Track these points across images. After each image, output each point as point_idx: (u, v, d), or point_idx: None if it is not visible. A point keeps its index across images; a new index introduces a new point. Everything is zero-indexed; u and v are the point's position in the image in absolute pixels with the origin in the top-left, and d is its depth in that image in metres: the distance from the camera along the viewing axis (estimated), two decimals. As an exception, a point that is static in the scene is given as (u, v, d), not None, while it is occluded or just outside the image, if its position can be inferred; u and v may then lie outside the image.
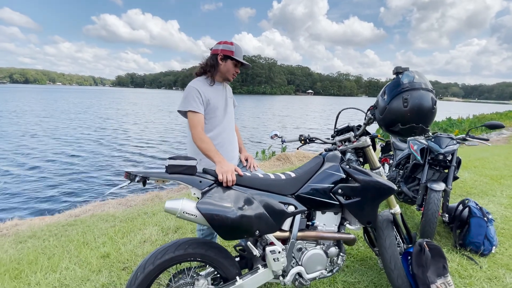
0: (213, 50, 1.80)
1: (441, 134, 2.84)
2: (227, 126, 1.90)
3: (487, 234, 2.38)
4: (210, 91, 1.79)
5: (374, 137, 1.75)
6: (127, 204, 3.97)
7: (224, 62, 1.78)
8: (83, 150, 9.39)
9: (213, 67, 1.79)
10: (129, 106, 31.02)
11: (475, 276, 2.13)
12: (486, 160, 6.16)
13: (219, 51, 1.76)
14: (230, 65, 1.79)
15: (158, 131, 14.11)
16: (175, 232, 2.82)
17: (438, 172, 2.80)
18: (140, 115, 22.06)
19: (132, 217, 3.23)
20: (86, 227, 2.98)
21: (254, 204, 1.41)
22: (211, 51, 1.81)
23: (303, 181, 1.58)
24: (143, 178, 1.30)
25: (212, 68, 1.79)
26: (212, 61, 1.79)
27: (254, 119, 22.31)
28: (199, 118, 1.70)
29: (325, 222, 1.64)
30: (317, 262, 1.59)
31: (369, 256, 2.33)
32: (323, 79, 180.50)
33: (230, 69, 1.80)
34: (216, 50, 1.77)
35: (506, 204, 3.59)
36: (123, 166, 7.89)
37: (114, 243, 2.57)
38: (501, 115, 19.15)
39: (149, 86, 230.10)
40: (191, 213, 1.29)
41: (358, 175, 1.57)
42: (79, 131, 12.98)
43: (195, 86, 1.74)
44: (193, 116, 1.69)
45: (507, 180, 4.66)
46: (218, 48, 1.77)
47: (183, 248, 1.36)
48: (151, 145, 10.61)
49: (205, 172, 1.44)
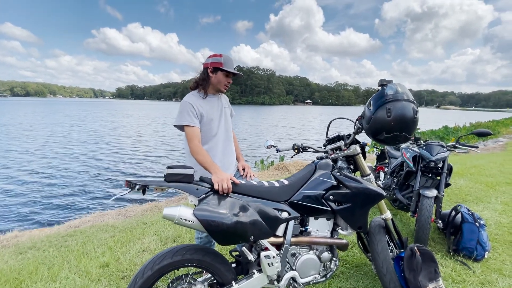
0: (204, 64, 1.88)
1: (432, 142, 2.93)
2: (223, 137, 1.96)
3: (480, 239, 2.43)
4: (204, 103, 1.85)
5: (363, 146, 1.83)
6: (126, 214, 4.01)
7: (215, 74, 1.85)
8: (82, 162, 9.46)
9: (204, 80, 1.87)
10: (127, 118, 31.10)
11: (468, 281, 2.16)
12: (482, 167, 6.24)
13: (208, 64, 1.84)
14: (220, 76, 1.85)
15: (154, 143, 14.17)
16: (173, 241, 2.86)
17: (430, 179, 2.88)
18: (138, 126, 22.14)
19: (131, 227, 3.27)
20: (85, 237, 3.02)
21: (249, 211, 1.48)
22: (203, 65, 1.89)
23: (296, 188, 1.65)
24: (143, 186, 1.37)
25: (204, 82, 1.87)
26: (203, 75, 1.87)
27: (253, 128, 22.47)
28: (194, 131, 1.77)
29: (318, 228, 1.70)
30: (311, 267, 1.64)
31: (364, 262, 2.37)
32: (321, 89, 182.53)
33: (221, 80, 1.86)
34: (206, 64, 1.85)
35: (500, 210, 3.64)
36: (121, 177, 7.94)
37: (114, 253, 2.60)
38: (498, 123, 19.37)
39: (149, 98, 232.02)
40: (188, 219, 1.35)
41: (349, 182, 1.65)
42: (75, 144, 13.07)
43: (188, 100, 1.81)
44: (189, 130, 1.76)
45: (502, 187, 4.72)
46: (208, 62, 1.85)
47: (180, 254, 1.42)
48: (148, 157, 10.64)
49: (201, 180, 1.52)
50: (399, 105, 1.47)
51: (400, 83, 1.57)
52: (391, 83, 1.58)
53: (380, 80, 1.62)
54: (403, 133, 1.50)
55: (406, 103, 1.48)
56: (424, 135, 12.07)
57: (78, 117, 29.75)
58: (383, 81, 1.61)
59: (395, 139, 1.54)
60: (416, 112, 1.49)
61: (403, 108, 1.47)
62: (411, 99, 1.51)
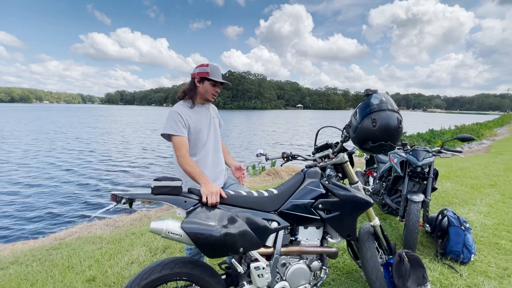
0: (191, 74, 1.89)
1: (418, 148, 3.00)
2: (212, 147, 1.96)
3: (465, 242, 2.49)
4: (192, 113, 1.85)
5: (351, 153, 1.86)
6: (114, 225, 3.91)
7: (202, 84, 1.85)
8: (67, 171, 9.19)
9: (191, 90, 1.87)
10: (114, 124, 30.39)
11: (455, 284, 2.20)
12: (467, 169, 6.42)
13: (195, 75, 1.84)
14: (207, 86, 1.85)
15: (141, 151, 13.84)
16: (163, 252, 2.80)
17: (417, 184, 2.94)
18: (125, 133, 21.61)
19: (119, 238, 3.19)
20: (71, 250, 2.92)
21: (238, 222, 1.47)
22: (191, 75, 1.90)
23: (285, 198, 1.66)
24: (129, 199, 1.35)
25: (191, 92, 1.87)
26: (191, 85, 1.88)
27: (245, 133, 22.45)
28: (182, 141, 1.75)
29: (308, 237, 1.70)
30: (301, 277, 1.64)
31: (354, 269, 2.39)
32: (312, 93, 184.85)
33: (209, 89, 1.87)
34: (193, 74, 1.86)
35: (485, 212, 3.74)
36: (109, 185, 7.76)
37: (101, 266, 2.53)
38: (481, 125, 20.04)
39: (139, 103, 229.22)
40: (176, 233, 1.33)
41: (337, 190, 1.66)
42: (59, 151, 12.70)
43: (176, 110, 1.80)
44: (176, 140, 1.75)
45: (486, 189, 4.87)
46: (195, 72, 1.85)
47: (169, 268, 1.39)
48: (134, 166, 10.34)
49: (190, 192, 1.50)
50: (384, 115, 1.51)
51: (384, 93, 1.61)
52: (376, 93, 1.62)
53: (365, 90, 1.66)
54: (389, 142, 1.54)
55: (391, 113, 1.51)
56: (412, 139, 12.35)
57: (63, 124, 28.91)
58: (369, 91, 1.64)
59: (380, 148, 1.57)
60: (400, 121, 1.52)
61: (388, 118, 1.50)
62: (396, 109, 1.55)
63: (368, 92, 1.64)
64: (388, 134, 1.51)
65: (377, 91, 1.64)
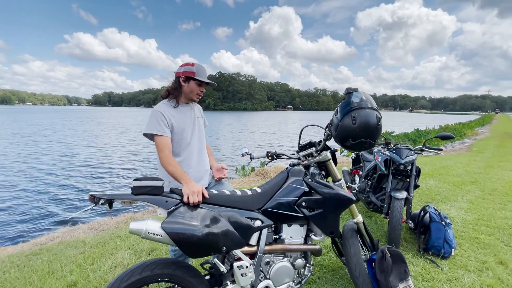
0: (176, 73, 1.85)
1: (401, 146, 3.07)
2: (196, 146, 1.94)
3: (446, 237, 2.56)
4: (175, 113, 1.82)
5: (334, 152, 1.88)
6: (99, 228, 3.81)
7: (187, 83, 1.82)
8: (49, 173, 8.89)
9: (176, 90, 1.84)
10: (99, 127, 29.03)
11: (437, 278, 2.26)
12: (450, 167, 6.63)
13: (181, 73, 1.81)
14: (193, 85, 1.83)
15: (126, 153, 13.31)
16: (148, 255, 2.75)
17: (401, 182, 3.01)
18: (109, 136, 20.59)
19: (103, 241, 3.11)
20: (52, 255, 2.83)
21: (221, 221, 1.46)
22: (175, 74, 1.86)
23: (269, 196, 1.66)
24: (108, 200, 1.32)
25: (176, 91, 1.84)
26: (175, 84, 1.85)
27: (235, 134, 22.40)
28: (165, 141, 1.72)
29: (292, 235, 1.71)
30: (285, 275, 1.64)
31: (339, 266, 2.41)
32: (302, 94, 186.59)
33: (194, 89, 1.84)
34: (178, 73, 1.83)
35: (466, 208, 3.87)
36: (92, 189, 7.55)
37: (83, 270, 2.46)
38: (464, 125, 20.76)
39: (127, 105, 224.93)
40: (156, 233, 1.31)
41: (320, 188, 1.68)
42: (39, 155, 12.23)
43: (159, 109, 1.76)
44: (158, 139, 1.71)
45: (467, 186, 5.04)
46: (180, 71, 1.82)
47: (150, 269, 1.36)
48: (118, 169, 9.98)
49: (171, 192, 1.48)
50: (363, 112, 1.54)
51: (364, 92, 1.64)
52: (356, 92, 1.65)
53: (346, 89, 1.69)
54: (368, 140, 1.57)
55: (370, 111, 1.54)
56: (398, 138, 12.65)
57: (44, 126, 27.32)
58: (349, 89, 1.67)
59: (360, 146, 1.60)
60: (379, 119, 1.56)
61: (367, 115, 1.53)
62: (375, 107, 1.58)
63: (348, 90, 1.67)
64: (368, 131, 1.54)
65: (357, 89, 1.67)
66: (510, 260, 2.54)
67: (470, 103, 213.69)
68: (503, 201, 4.17)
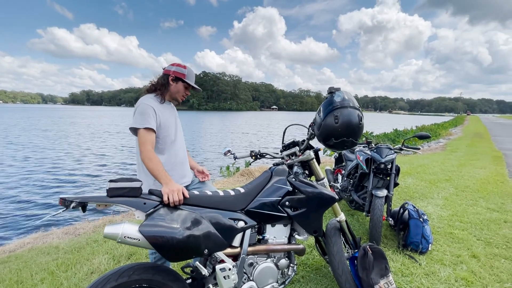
0: (165, 70, 1.84)
1: (382, 145, 3.15)
2: (180, 144, 1.95)
3: (424, 233, 2.66)
4: (162, 109, 1.80)
5: (317, 151, 1.89)
6: (75, 232, 3.62)
7: (175, 83, 1.83)
8: (16, 175, 8.33)
9: (163, 86, 1.83)
10: (71, 127, 27.06)
11: (415, 273, 2.34)
12: (426, 166, 6.92)
13: (171, 72, 1.81)
14: (181, 87, 1.85)
15: (97, 156, 12.28)
16: (128, 259, 2.64)
17: (381, 180, 3.08)
18: (80, 137, 19.06)
19: (79, 246, 2.95)
20: (22, 263, 2.64)
21: (202, 223, 1.41)
22: (164, 71, 1.85)
23: (252, 196, 1.63)
24: (81, 203, 1.23)
25: (163, 87, 1.83)
26: (163, 81, 1.83)
27: (220, 134, 22.19)
28: (151, 137, 1.68)
29: (275, 235, 1.69)
30: (269, 276, 1.62)
31: (323, 265, 2.43)
32: (286, 95, 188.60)
33: (181, 90, 1.87)
34: (168, 71, 1.82)
35: (441, 205, 4.04)
36: (65, 191, 7.15)
37: (56, 278, 2.31)
38: (439, 126, 21.82)
39: (107, 104, 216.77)
40: (133, 237, 1.24)
41: (303, 187, 1.68)
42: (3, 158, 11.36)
43: (150, 104, 1.72)
44: (146, 134, 1.65)
45: (443, 183, 5.28)
46: (171, 70, 1.82)
47: (127, 275, 1.29)
48: (92, 175, 9.31)
49: (150, 193, 1.42)
50: (345, 112, 1.55)
51: (346, 91, 1.65)
52: (338, 91, 1.66)
53: (329, 88, 1.69)
54: (350, 139, 1.58)
55: (352, 110, 1.56)
56: (378, 138, 13.07)
57: (5, 127, 24.48)
58: (332, 88, 1.68)
59: (343, 145, 1.61)
60: (361, 118, 1.57)
61: (349, 115, 1.55)
62: (357, 106, 1.60)
63: (331, 90, 1.68)
64: (350, 130, 1.56)
65: (339, 89, 1.68)
66: (482, 253, 2.67)
67: (444, 105, 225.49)
68: (474, 198, 4.41)
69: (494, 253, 2.68)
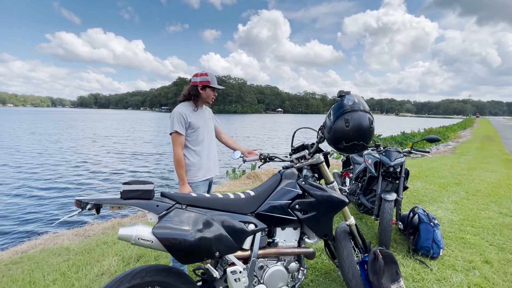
0: (192, 82, 2.17)
1: (390, 148, 3.12)
2: (207, 142, 2.28)
3: (435, 238, 2.61)
4: (192, 114, 2.16)
5: (326, 154, 1.88)
6: (84, 234, 3.67)
7: (204, 90, 2.18)
8: (30, 179, 8.43)
9: (196, 96, 2.18)
10: (71, 131, 25.08)
11: (426, 278, 2.30)
12: (435, 169, 6.81)
13: (198, 83, 2.15)
14: (209, 92, 2.20)
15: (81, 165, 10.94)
16: (137, 261, 2.67)
17: (390, 183, 3.05)
18: (76, 140, 17.94)
19: (89, 248, 2.99)
20: (34, 264, 2.69)
21: (214, 225, 1.42)
22: (191, 83, 2.19)
23: (262, 199, 1.64)
24: (96, 205, 1.26)
25: (196, 97, 2.19)
26: (194, 91, 2.18)
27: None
28: (180, 139, 2.09)
29: (285, 238, 1.69)
30: (279, 279, 1.62)
31: (332, 269, 2.41)
32: (291, 98, 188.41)
33: (210, 94, 2.22)
34: (195, 82, 2.16)
35: (452, 209, 3.97)
36: (78, 194, 7.25)
37: (67, 279, 2.35)
38: (447, 129, 21.49)
39: (114, 107, 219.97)
40: (147, 239, 1.26)
41: (313, 191, 1.67)
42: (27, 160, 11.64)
43: (179, 111, 2.10)
44: (176, 137, 2.08)
45: (453, 187, 5.19)
46: (197, 81, 2.15)
47: (139, 277, 1.31)
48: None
49: (163, 196, 1.44)
50: (356, 115, 1.55)
51: (356, 94, 1.65)
52: (349, 94, 1.66)
53: (339, 92, 1.70)
54: (361, 142, 1.58)
55: (363, 113, 1.56)
56: (386, 141, 12.94)
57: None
58: (342, 92, 1.68)
59: (354, 148, 1.60)
60: (371, 121, 1.57)
61: (360, 118, 1.54)
62: (367, 110, 1.59)
63: (341, 93, 1.68)
64: (361, 133, 1.55)
65: (350, 92, 1.68)
66: (495, 259, 2.61)
67: (452, 107, 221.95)
68: (486, 202, 4.32)
69: (507, 259, 2.62)
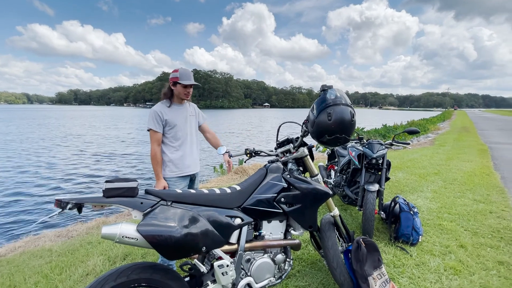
0: (169, 79, 2.22)
1: (373, 141, 3.22)
2: (188, 139, 2.30)
3: (414, 225, 2.74)
4: (169, 111, 2.19)
5: (310, 148, 1.92)
6: (67, 235, 3.57)
7: (175, 87, 2.19)
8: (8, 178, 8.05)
9: (169, 93, 2.23)
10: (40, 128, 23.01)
11: (406, 264, 2.42)
12: (416, 160, 7.09)
13: (170, 80, 2.19)
14: (179, 88, 2.19)
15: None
16: (123, 260, 2.63)
17: (373, 175, 3.16)
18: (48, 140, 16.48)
19: (73, 249, 2.92)
20: (14, 267, 2.60)
21: (200, 221, 1.43)
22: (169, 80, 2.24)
23: (248, 193, 1.65)
24: (77, 204, 1.23)
25: (169, 93, 2.24)
26: (167, 89, 2.24)
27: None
28: (156, 136, 2.15)
29: (272, 231, 1.72)
30: (266, 271, 1.66)
31: (318, 259, 2.49)
32: (278, 92, 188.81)
33: (181, 91, 2.20)
34: (170, 79, 2.20)
35: (430, 198, 4.17)
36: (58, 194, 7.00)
37: (50, 281, 2.29)
38: (427, 121, 22.30)
39: (96, 103, 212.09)
40: (131, 237, 1.25)
41: (298, 184, 1.71)
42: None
43: (155, 109, 2.17)
44: (152, 134, 2.15)
45: (432, 177, 5.43)
46: (170, 77, 2.20)
47: (125, 275, 1.30)
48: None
49: (147, 193, 1.42)
50: (338, 109, 1.58)
51: (339, 89, 1.69)
52: (331, 89, 1.69)
53: (321, 86, 1.72)
54: (343, 135, 1.62)
55: (345, 107, 1.60)
56: (369, 134, 13.28)
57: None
58: (324, 86, 1.71)
59: (336, 141, 1.65)
60: (353, 115, 1.61)
61: (342, 112, 1.58)
62: (349, 103, 1.63)
63: (324, 87, 1.71)
64: (343, 127, 1.59)
65: (332, 86, 1.71)
66: (469, 243, 2.78)
67: (432, 100, 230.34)
68: (462, 190, 4.56)
69: (480, 243, 2.80)
